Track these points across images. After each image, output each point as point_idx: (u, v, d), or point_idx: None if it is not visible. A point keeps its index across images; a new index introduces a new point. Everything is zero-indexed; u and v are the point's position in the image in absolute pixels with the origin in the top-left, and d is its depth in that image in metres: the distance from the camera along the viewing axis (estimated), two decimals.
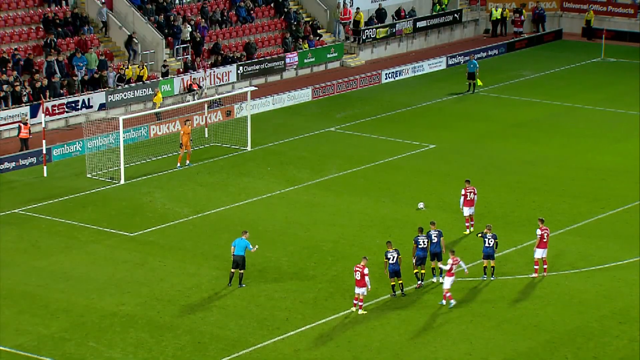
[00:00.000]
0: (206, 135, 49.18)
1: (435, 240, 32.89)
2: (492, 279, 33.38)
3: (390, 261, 31.59)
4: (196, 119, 50.73)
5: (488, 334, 30.15)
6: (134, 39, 55.34)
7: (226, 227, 37.93)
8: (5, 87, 48.95)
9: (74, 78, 51.43)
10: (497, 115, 53.84)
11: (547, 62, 64.43)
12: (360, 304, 31.08)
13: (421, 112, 54.58)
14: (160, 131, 49.70)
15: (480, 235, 33.62)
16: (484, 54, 66.15)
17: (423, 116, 53.67)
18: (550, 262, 34.72)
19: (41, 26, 54.07)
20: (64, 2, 55.98)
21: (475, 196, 37.02)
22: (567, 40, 70.92)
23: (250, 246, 32.72)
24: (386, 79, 60.61)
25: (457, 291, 32.54)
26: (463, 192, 36.89)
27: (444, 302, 31.62)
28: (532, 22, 71.93)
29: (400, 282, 32.11)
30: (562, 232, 37.66)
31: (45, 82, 50.22)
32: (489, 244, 33.18)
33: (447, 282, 31.44)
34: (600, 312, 31.53)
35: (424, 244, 32.67)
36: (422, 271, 32.89)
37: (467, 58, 62.41)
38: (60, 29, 54.13)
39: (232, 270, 32.91)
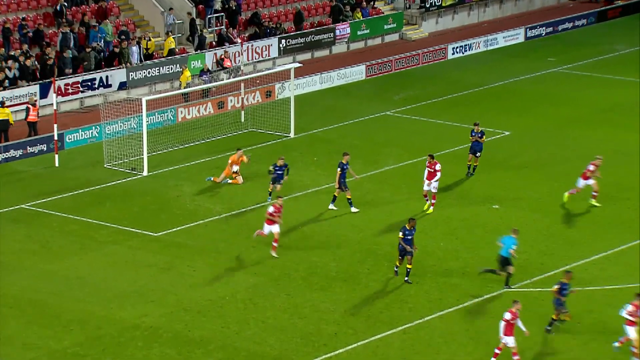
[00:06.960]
0: (242, 120, 49.48)
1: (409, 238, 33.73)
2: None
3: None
4: (231, 100, 51.06)
5: (572, 354, 30.08)
6: (168, 12, 55.68)
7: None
8: (10, 62, 49.31)
9: (87, 51, 51.58)
10: (584, 98, 53.54)
11: None
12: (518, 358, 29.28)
13: (494, 93, 54.42)
14: (189, 114, 50.11)
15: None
16: (570, 25, 65.84)
17: (496, 98, 53.51)
18: None
19: None
20: None
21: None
22: None
23: (514, 246, 33.20)
24: (453, 54, 60.55)
25: (532, 301, 32.50)
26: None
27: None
28: None
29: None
30: None
31: (57, 56, 50.75)
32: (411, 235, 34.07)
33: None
34: None
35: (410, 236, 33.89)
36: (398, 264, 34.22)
37: (549, 29, 62.04)
38: None
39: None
